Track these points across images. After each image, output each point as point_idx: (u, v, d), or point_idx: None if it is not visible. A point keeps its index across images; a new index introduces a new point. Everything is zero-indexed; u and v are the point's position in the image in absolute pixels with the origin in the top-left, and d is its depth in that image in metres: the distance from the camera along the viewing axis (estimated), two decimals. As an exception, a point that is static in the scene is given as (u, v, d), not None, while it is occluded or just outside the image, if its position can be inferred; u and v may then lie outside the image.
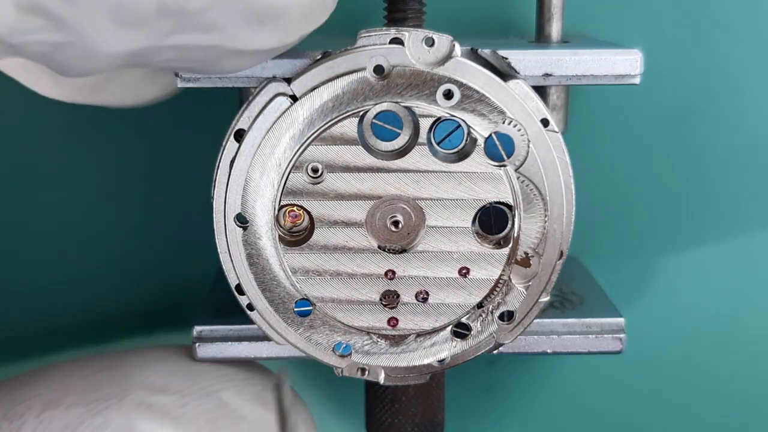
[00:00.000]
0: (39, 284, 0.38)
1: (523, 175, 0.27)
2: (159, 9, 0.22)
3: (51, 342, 0.39)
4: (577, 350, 0.31)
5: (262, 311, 0.28)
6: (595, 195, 0.38)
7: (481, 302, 0.28)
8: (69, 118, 0.36)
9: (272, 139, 0.27)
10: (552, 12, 0.31)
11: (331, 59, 0.27)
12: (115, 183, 0.38)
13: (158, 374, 0.29)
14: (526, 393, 0.41)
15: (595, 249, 0.38)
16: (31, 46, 0.21)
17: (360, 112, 0.27)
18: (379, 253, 0.28)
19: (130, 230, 0.38)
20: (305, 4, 0.24)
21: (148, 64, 0.24)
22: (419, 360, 0.29)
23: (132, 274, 0.39)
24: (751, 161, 0.38)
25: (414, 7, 0.29)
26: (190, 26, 0.22)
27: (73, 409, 0.28)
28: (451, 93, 0.27)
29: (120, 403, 0.28)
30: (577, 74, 0.27)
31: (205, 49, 0.23)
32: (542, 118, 0.27)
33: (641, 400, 0.41)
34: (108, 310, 0.39)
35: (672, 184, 0.38)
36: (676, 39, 0.36)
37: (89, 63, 0.22)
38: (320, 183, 0.27)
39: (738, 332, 0.40)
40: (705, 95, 0.37)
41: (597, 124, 0.37)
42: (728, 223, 0.39)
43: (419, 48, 0.26)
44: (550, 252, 0.28)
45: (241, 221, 0.28)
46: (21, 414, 0.28)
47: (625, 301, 0.38)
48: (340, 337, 0.29)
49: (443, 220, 0.27)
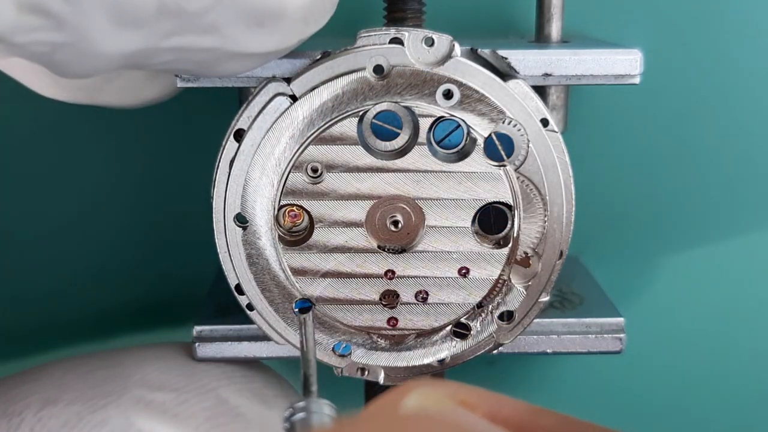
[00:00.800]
0: (39, 283, 0.38)
1: (522, 175, 0.27)
2: (159, 10, 0.22)
3: (51, 341, 0.39)
4: (577, 350, 0.31)
5: (262, 311, 0.28)
6: (595, 195, 0.38)
7: (480, 302, 0.28)
8: (69, 118, 0.36)
9: (272, 138, 0.27)
10: (552, 12, 0.31)
11: (330, 59, 0.27)
12: (115, 183, 0.38)
13: (157, 372, 0.29)
14: (526, 393, 0.41)
15: (595, 249, 0.38)
16: (31, 46, 0.21)
17: (360, 112, 0.27)
18: (378, 253, 0.28)
19: (129, 230, 0.38)
20: (305, 7, 0.24)
21: (147, 65, 0.24)
22: (419, 360, 0.29)
23: (132, 274, 0.39)
24: (751, 161, 0.38)
25: (414, 7, 0.29)
26: (190, 28, 0.22)
27: (72, 406, 0.28)
28: (451, 93, 0.27)
29: (118, 401, 0.28)
30: (577, 74, 0.27)
31: (205, 51, 0.23)
32: (542, 118, 0.27)
33: (641, 400, 0.41)
34: (107, 310, 0.39)
35: (672, 184, 0.38)
36: (676, 39, 0.36)
37: (88, 63, 0.22)
38: (320, 183, 0.27)
39: (737, 332, 0.40)
40: (705, 95, 0.37)
41: (597, 124, 0.37)
42: (728, 223, 0.39)
43: (419, 48, 0.26)
44: (550, 252, 0.28)
45: (241, 221, 0.28)
46: (20, 411, 0.28)
47: (625, 301, 0.38)
48: (340, 337, 0.29)
49: (443, 219, 0.27)
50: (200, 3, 0.22)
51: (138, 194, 0.38)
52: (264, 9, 0.23)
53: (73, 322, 0.39)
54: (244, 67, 0.25)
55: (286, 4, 0.23)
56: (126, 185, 0.38)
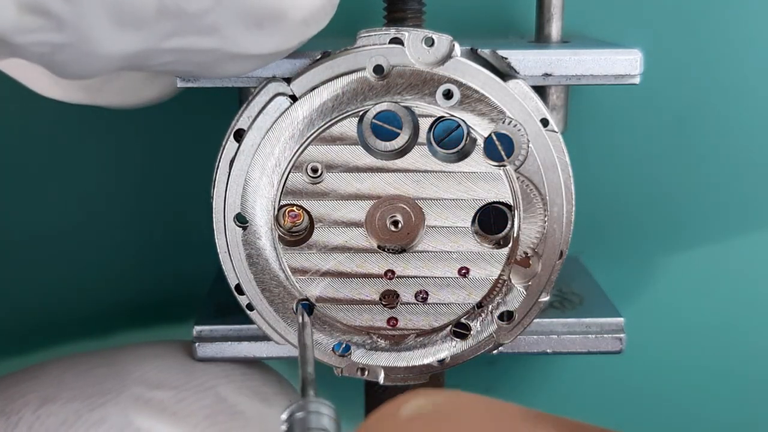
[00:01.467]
0: (38, 283, 0.38)
1: (522, 175, 0.27)
2: (159, 10, 0.22)
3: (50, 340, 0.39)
4: (577, 350, 0.31)
5: (261, 311, 0.28)
6: (595, 195, 0.38)
7: (480, 302, 0.28)
8: (69, 118, 0.36)
9: (272, 138, 0.27)
10: (552, 12, 0.31)
11: (330, 59, 0.27)
12: (115, 183, 0.38)
13: (155, 370, 0.29)
14: (526, 393, 0.41)
15: (595, 249, 0.38)
16: (32, 47, 0.21)
17: (360, 112, 0.27)
18: (378, 253, 0.28)
19: (129, 230, 0.38)
20: (305, 9, 0.24)
21: (147, 67, 0.24)
22: (419, 360, 0.29)
23: (132, 274, 0.39)
24: (751, 161, 0.38)
25: (414, 7, 0.29)
26: (190, 29, 0.22)
27: (70, 404, 0.28)
28: (451, 93, 0.27)
29: (117, 399, 0.28)
30: (577, 74, 0.27)
31: (205, 52, 0.23)
32: (542, 118, 0.27)
33: (641, 400, 0.41)
34: (107, 310, 0.39)
35: (672, 184, 0.38)
36: (676, 39, 0.36)
37: (88, 64, 0.22)
38: (320, 183, 0.27)
39: (737, 332, 0.40)
40: (705, 95, 0.37)
41: (597, 124, 0.37)
42: (728, 223, 0.39)
43: (419, 48, 0.26)
44: (550, 252, 0.28)
45: (241, 221, 0.28)
46: (18, 410, 0.28)
47: (625, 301, 0.38)
48: (340, 337, 0.29)
49: (443, 219, 0.27)
50: (200, 4, 0.22)
51: (138, 194, 0.38)
52: (264, 10, 0.23)
53: (73, 322, 0.39)
54: (244, 69, 0.25)
55: (286, 5, 0.23)
56: (126, 185, 0.38)
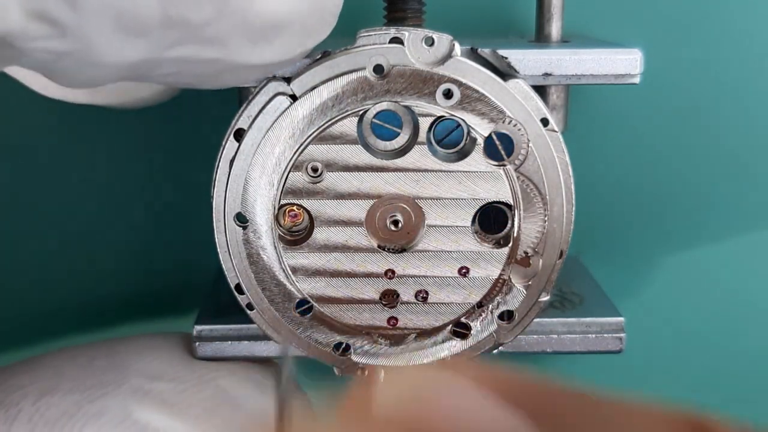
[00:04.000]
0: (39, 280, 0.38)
1: (522, 175, 0.27)
2: (163, 20, 0.22)
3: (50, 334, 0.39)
4: (577, 350, 0.31)
5: (262, 310, 0.28)
6: (595, 195, 0.38)
7: (480, 302, 0.28)
8: (69, 118, 0.36)
9: (272, 138, 0.27)
10: (552, 12, 0.31)
11: (330, 59, 0.27)
12: (115, 182, 0.38)
13: (156, 361, 0.29)
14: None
15: (595, 249, 0.38)
16: (36, 53, 0.21)
17: (360, 112, 0.27)
18: (378, 252, 0.28)
19: (129, 230, 0.38)
20: (306, 19, 0.24)
21: (149, 77, 0.24)
22: (419, 360, 0.29)
23: (132, 273, 0.39)
24: (751, 161, 0.38)
25: (414, 6, 0.29)
26: (193, 39, 0.23)
27: (70, 396, 0.28)
28: (451, 92, 0.27)
29: (117, 390, 0.28)
30: (577, 74, 0.27)
31: (207, 62, 0.24)
32: (542, 118, 0.27)
33: (641, 400, 0.40)
34: (106, 310, 0.39)
35: (672, 183, 0.38)
36: (676, 39, 0.36)
37: (91, 72, 0.22)
38: (320, 182, 0.27)
39: (737, 332, 0.40)
40: (705, 95, 0.37)
41: (597, 124, 0.37)
42: (728, 223, 0.39)
43: (419, 47, 0.26)
44: (550, 251, 0.28)
45: (241, 220, 0.28)
46: (17, 401, 0.28)
47: (625, 301, 0.38)
48: (340, 337, 0.29)
49: (443, 219, 0.27)
50: (204, 14, 0.22)
51: (138, 194, 0.38)
52: (266, 21, 0.23)
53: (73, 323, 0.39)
54: (245, 79, 0.26)
55: (288, 16, 0.24)
56: (126, 185, 0.38)
